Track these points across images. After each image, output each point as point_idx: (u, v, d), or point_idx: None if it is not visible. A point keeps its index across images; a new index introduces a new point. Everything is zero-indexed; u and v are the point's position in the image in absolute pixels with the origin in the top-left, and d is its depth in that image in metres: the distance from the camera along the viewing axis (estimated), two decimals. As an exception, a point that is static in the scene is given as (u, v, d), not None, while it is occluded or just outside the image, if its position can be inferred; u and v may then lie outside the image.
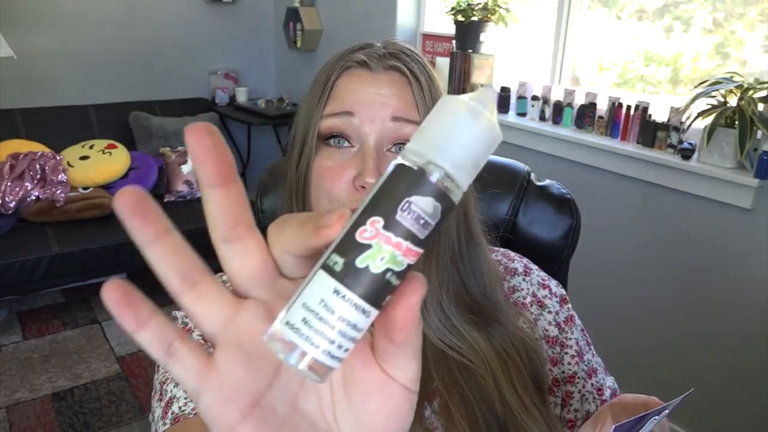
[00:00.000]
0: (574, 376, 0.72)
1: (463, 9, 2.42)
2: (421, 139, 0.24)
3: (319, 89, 0.61)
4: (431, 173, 0.23)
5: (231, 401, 0.24)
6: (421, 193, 0.23)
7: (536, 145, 2.21)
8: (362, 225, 0.23)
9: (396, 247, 0.23)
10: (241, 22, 3.59)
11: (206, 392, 0.24)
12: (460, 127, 0.23)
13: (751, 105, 1.59)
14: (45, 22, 2.99)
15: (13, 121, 2.88)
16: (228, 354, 0.24)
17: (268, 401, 0.25)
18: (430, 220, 0.23)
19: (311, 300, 0.23)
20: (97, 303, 2.80)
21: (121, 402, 2.15)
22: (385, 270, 0.23)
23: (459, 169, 0.23)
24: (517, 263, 0.77)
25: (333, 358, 0.23)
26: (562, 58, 2.31)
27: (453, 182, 0.23)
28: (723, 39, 1.95)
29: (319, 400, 0.27)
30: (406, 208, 0.23)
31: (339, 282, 0.23)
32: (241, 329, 0.25)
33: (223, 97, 3.53)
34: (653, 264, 1.93)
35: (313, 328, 0.23)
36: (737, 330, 1.73)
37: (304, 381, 0.27)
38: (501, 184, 0.96)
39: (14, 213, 2.57)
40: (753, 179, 1.62)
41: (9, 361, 2.35)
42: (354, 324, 0.23)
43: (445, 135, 0.23)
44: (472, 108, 0.23)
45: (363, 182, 0.57)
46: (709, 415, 1.83)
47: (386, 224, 0.23)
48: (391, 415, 0.26)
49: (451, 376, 0.62)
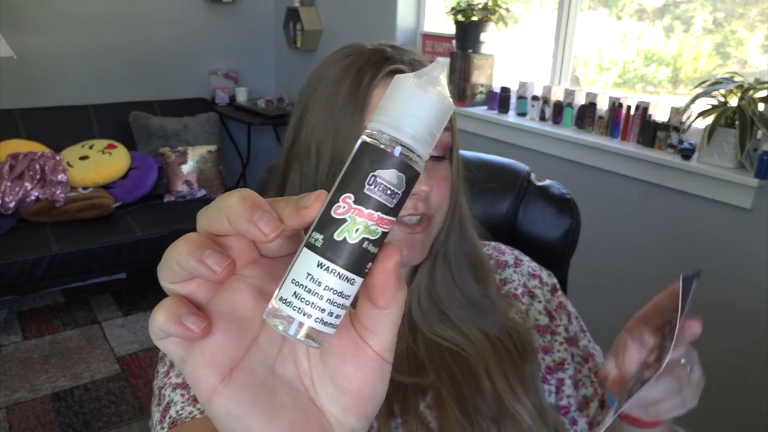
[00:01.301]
0: (563, 362, 0.73)
1: (463, 9, 2.42)
2: (379, 118, 0.26)
3: (351, 102, 0.59)
4: (392, 148, 0.25)
5: (211, 365, 0.26)
6: (384, 166, 0.25)
7: (536, 145, 2.21)
8: (336, 202, 0.25)
9: (368, 218, 0.25)
10: (241, 22, 3.59)
11: (189, 357, 0.26)
12: (411, 102, 0.25)
13: (751, 105, 1.59)
14: (45, 22, 2.99)
15: (13, 121, 2.88)
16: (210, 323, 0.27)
17: (247, 365, 0.27)
18: (397, 190, 0.25)
19: (299, 275, 0.25)
20: (97, 303, 2.80)
21: (121, 402, 2.15)
22: (362, 240, 0.25)
23: (416, 140, 0.25)
24: (508, 255, 0.78)
25: (326, 324, 0.26)
26: (562, 58, 2.31)
27: (413, 152, 0.25)
28: (723, 39, 1.95)
29: (296, 365, 0.29)
30: (372, 182, 0.25)
31: (321, 256, 0.25)
32: (222, 301, 0.27)
33: (223, 97, 3.53)
34: (653, 264, 1.93)
35: (304, 300, 0.25)
36: (737, 330, 1.73)
37: (281, 347, 0.29)
38: (501, 184, 0.96)
39: (14, 213, 2.57)
40: (753, 179, 1.62)
41: (9, 361, 2.35)
42: (341, 292, 0.25)
43: (399, 111, 0.25)
44: (420, 83, 0.25)
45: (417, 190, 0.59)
46: (709, 416, 1.83)
47: (356, 198, 0.25)
48: (364, 380, 0.28)
49: (444, 362, 0.64)
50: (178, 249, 0.25)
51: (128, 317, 2.69)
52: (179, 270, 0.25)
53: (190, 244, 0.25)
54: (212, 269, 0.24)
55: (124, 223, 2.66)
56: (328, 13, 3.24)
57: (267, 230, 0.25)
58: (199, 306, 0.27)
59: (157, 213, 2.78)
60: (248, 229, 0.25)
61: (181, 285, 0.27)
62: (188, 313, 0.25)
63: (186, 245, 0.25)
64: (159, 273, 0.27)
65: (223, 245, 0.27)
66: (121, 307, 2.77)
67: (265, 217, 0.25)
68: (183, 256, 0.25)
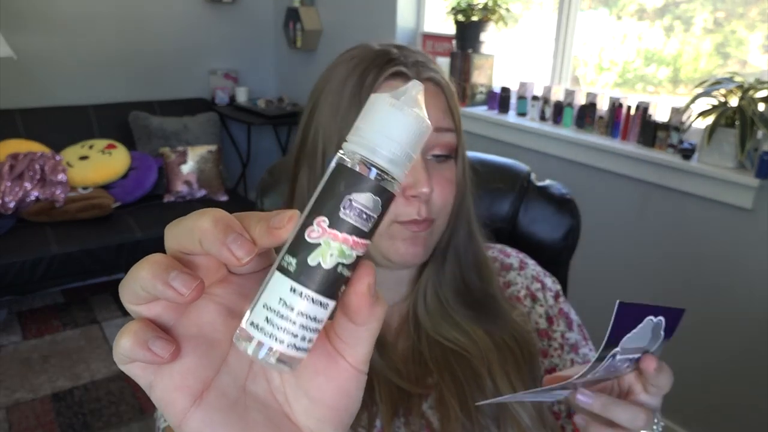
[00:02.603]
0: (554, 369, 0.73)
1: (463, 9, 2.41)
2: (355, 139, 0.25)
3: (355, 103, 0.59)
4: (367, 170, 0.25)
5: (181, 388, 0.25)
6: (359, 190, 0.24)
7: (536, 145, 2.21)
8: (310, 225, 0.24)
9: (343, 242, 0.24)
10: (241, 22, 3.59)
11: (158, 382, 0.26)
12: (388, 124, 0.25)
13: (751, 105, 1.59)
14: (45, 22, 2.99)
15: (12, 121, 2.88)
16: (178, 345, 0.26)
17: (218, 386, 0.27)
18: (372, 213, 0.25)
19: (271, 300, 0.25)
20: (97, 303, 2.80)
21: (121, 402, 2.15)
22: (336, 264, 0.25)
23: (392, 163, 0.25)
24: (513, 258, 0.79)
25: (298, 349, 0.25)
26: (562, 58, 2.31)
27: (388, 175, 0.25)
28: (723, 39, 1.95)
29: (267, 382, 0.28)
30: (347, 206, 0.24)
31: (294, 281, 0.24)
32: (190, 321, 0.26)
33: (223, 97, 3.53)
34: (653, 264, 1.93)
35: (276, 326, 0.24)
36: (737, 330, 1.73)
37: (251, 365, 0.28)
38: (502, 184, 0.96)
39: (14, 213, 2.57)
40: (753, 179, 1.62)
41: (9, 361, 2.35)
42: (314, 317, 0.25)
43: (376, 132, 0.25)
44: (397, 104, 0.25)
45: (418, 192, 0.59)
46: (709, 415, 1.83)
47: (331, 222, 0.24)
48: (338, 391, 0.28)
49: (446, 362, 0.64)
50: (142, 272, 0.24)
51: (128, 317, 2.67)
52: (143, 293, 0.25)
53: (156, 266, 0.24)
54: (179, 292, 0.24)
55: (124, 223, 2.66)
56: (328, 13, 3.24)
57: (240, 254, 0.24)
58: (165, 328, 0.26)
59: (157, 213, 2.78)
60: (221, 253, 0.24)
61: (146, 307, 0.26)
62: (155, 337, 0.24)
63: (150, 267, 0.24)
64: (121, 294, 0.26)
65: (191, 264, 0.26)
66: (121, 307, 2.76)
67: (239, 240, 0.24)
68: (148, 280, 0.24)
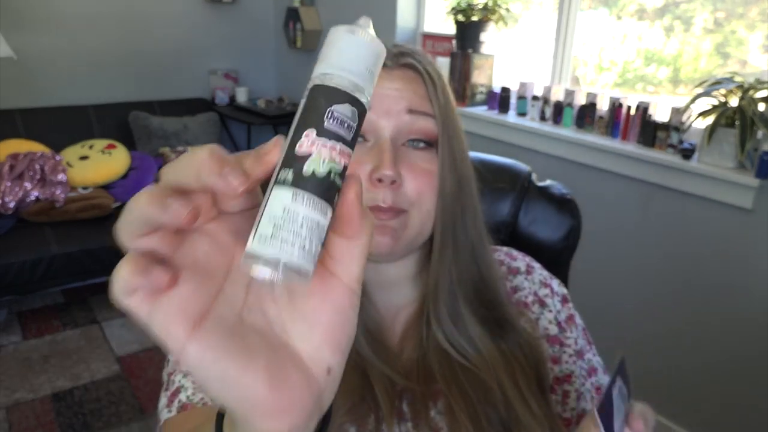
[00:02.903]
0: (570, 375, 0.72)
1: (463, 9, 2.42)
2: (323, 65, 0.28)
3: None
4: (341, 85, 0.27)
5: (180, 315, 0.26)
6: (338, 101, 0.27)
7: (536, 146, 2.21)
8: (299, 139, 0.26)
9: (331, 149, 0.27)
10: (241, 22, 3.59)
11: (157, 312, 0.26)
12: (348, 45, 0.28)
13: (751, 105, 1.59)
14: (45, 22, 2.99)
15: (12, 121, 2.88)
16: None
17: (215, 313, 0.27)
18: (352, 123, 0.27)
19: (275, 212, 0.26)
20: (97, 303, 2.80)
21: (121, 402, 2.14)
22: (329, 171, 0.26)
23: (359, 77, 0.28)
24: (520, 262, 0.77)
25: (308, 258, 0.26)
26: (562, 58, 2.31)
27: (358, 87, 0.28)
28: (723, 39, 1.95)
29: (263, 313, 0.29)
30: (330, 116, 0.27)
31: (295, 187, 0.26)
32: (186, 253, 0.27)
33: (223, 97, 3.53)
34: (653, 264, 1.93)
35: (284, 234, 0.25)
36: (738, 330, 1.73)
37: (246, 297, 0.29)
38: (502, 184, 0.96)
39: (14, 213, 2.57)
40: (754, 179, 1.62)
41: (9, 361, 2.35)
42: (317, 221, 0.26)
43: (339, 54, 0.28)
44: (351, 28, 0.28)
45: (381, 175, 0.57)
46: (710, 415, 1.83)
47: (318, 132, 0.26)
48: (333, 309, 0.28)
49: (454, 377, 0.62)
50: (139, 201, 0.25)
51: (128, 317, 2.68)
52: (139, 223, 0.25)
53: (151, 194, 0.25)
54: (176, 214, 0.25)
55: (124, 223, 2.65)
56: (328, 13, 3.24)
57: (236, 183, 0.25)
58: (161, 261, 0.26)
59: (157, 213, 2.78)
60: (217, 183, 0.25)
61: (142, 240, 0.26)
62: (154, 265, 0.25)
63: (147, 196, 0.25)
64: (118, 232, 0.26)
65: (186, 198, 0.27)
66: (121, 307, 2.77)
67: (235, 171, 0.26)
68: (145, 206, 0.25)
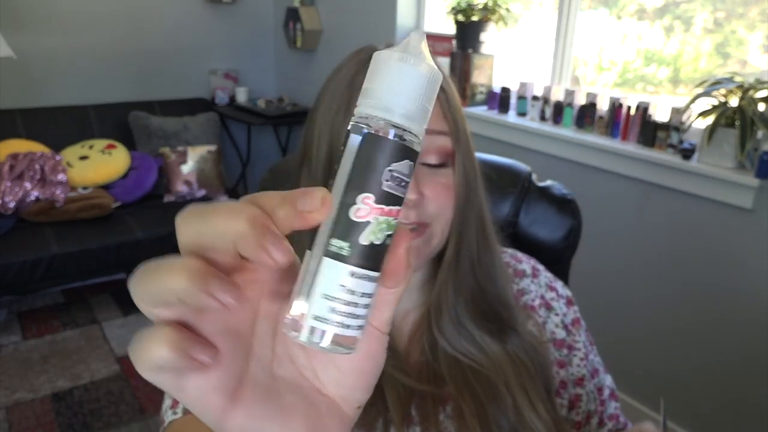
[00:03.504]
0: (582, 378, 0.72)
1: (463, 9, 2.41)
2: (373, 102, 0.24)
3: (344, 103, 0.59)
4: (401, 136, 0.24)
5: (219, 389, 0.24)
6: (397, 158, 0.24)
7: (536, 146, 2.21)
8: (354, 204, 0.24)
9: (389, 214, 0.24)
10: (241, 22, 3.59)
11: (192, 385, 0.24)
12: (401, 79, 0.24)
13: (751, 105, 1.59)
14: (45, 22, 2.99)
15: (12, 121, 2.88)
16: None
17: (251, 379, 0.26)
18: (407, 179, 0.25)
19: (331, 289, 0.24)
20: (97, 303, 2.80)
21: (121, 403, 2.14)
22: (385, 238, 0.25)
23: (413, 121, 0.24)
24: (525, 264, 0.77)
25: (360, 328, 0.25)
26: (562, 58, 2.31)
27: (413, 136, 0.25)
28: (723, 39, 1.95)
29: (293, 362, 0.28)
30: (389, 178, 0.24)
31: (351, 265, 0.24)
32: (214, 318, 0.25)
33: (223, 97, 3.53)
34: (653, 264, 1.92)
35: (343, 313, 0.24)
36: (738, 330, 1.73)
37: (274, 348, 0.27)
38: (503, 184, 0.96)
39: (14, 213, 2.57)
40: (754, 179, 1.62)
41: (9, 361, 2.34)
42: (371, 293, 0.25)
43: (392, 91, 0.24)
44: (403, 57, 0.24)
45: (405, 200, 0.57)
46: (710, 415, 1.83)
47: (377, 198, 0.24)
48: (366, 355, 0.28)
49: (464, 380, 0.63)
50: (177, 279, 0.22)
51: (128, 317, 2.68)
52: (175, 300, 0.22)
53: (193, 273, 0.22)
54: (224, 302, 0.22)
55: (124, 223, 2.66)
56: (328, 13, 3.24)
57: (279, 257, 0.23)
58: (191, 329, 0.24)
59: (157, 213, 2.78)
60: (260, 257, 0.23)
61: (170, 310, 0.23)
62: (194, 342, 0.23)
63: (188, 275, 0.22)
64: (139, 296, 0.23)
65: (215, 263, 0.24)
66: (121, 307, 2.77)
67: (277, 243, 0.23)
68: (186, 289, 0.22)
